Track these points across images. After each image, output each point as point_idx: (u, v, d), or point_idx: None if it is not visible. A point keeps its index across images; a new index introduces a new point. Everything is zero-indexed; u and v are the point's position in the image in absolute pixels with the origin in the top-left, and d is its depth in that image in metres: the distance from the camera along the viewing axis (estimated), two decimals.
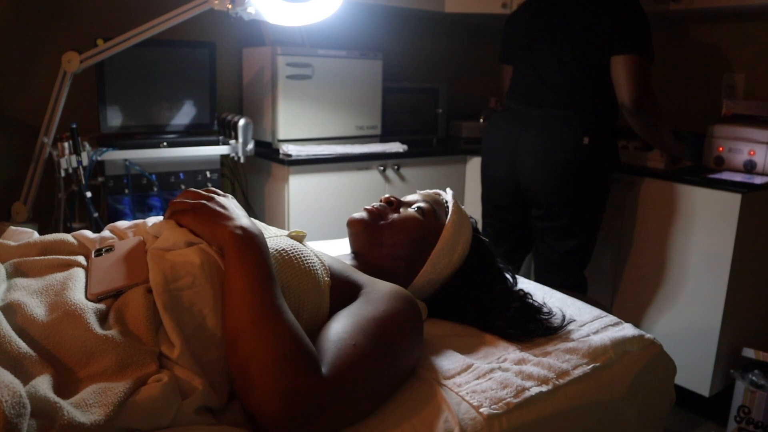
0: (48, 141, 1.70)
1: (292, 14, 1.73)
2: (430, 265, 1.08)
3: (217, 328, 0.74)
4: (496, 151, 2.08)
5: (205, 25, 2.20)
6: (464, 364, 0.92)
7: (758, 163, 2.04)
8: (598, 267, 2.22)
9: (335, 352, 0.75)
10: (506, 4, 2.47)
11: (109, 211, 1.88)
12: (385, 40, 2.69)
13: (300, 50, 2.16)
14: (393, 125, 2.49)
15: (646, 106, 1.84)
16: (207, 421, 0.70)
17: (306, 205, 2.11)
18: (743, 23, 2.39)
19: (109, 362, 0.67)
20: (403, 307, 0.87)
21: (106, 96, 1.85)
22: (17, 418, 0.54)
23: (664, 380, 1.10)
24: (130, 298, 0.73)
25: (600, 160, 1.95)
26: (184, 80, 1.98)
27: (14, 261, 0.80)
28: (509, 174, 2.02)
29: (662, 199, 2.06)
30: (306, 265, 0.86)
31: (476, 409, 0.82)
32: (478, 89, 3.02)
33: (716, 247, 1.93)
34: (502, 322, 1.05)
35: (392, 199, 1.12)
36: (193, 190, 0.87)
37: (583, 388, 0.94)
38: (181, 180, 1.99)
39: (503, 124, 2.07)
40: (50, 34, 1.96)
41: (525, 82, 2.03)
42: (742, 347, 1.97)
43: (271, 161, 2.14)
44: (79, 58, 1.66)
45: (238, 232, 0.78)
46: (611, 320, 1.14)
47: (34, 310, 0.70)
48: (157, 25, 1.69)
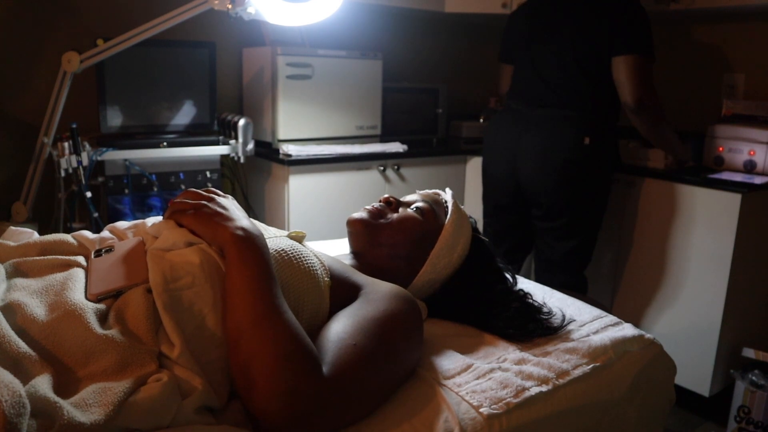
0: (48, 141, 1.71)
1: (292, 14, 1.73)
2: (429, 265, 1.08)
3: (216, 328, 0.74)
4: (496, 151, 2.08)
5: (205, 25, 2.20)
6: (464, 364, 0.93)
7: (758, 163, 2.04)
8: (598, 267, 2.22)
9: (336, 351, 0.75)
10: (506, 4, 2.47)
11: (109, 211, 1.88)
12: (385, 40, 2.69)
13: (300, 50, 2.16)
14: (393, 125, 2.49)
15: (648, 105, 1.84)
16: (207, 420, 0.70)
17: (306, 205, 2.11)
18: (743, 23, 2.39)
19: (109, 362, 0.67)
20: (403, 307, 0.87)
21: (106, 96, 1.85)
22: (17, 417, 0.54)
23: (664, 380, 1.10)
24: (130, 299, 0.73)
25: (601, 161, 1.95)
26: (184, 80, 1.98)
27: (14, 261, 0.80)
28: (510, 174, 2.02)
29: (662, 199, 2.06)
30: (306, 266, 0.86)
31: (476, 409, 0.82)
32: (478, 89, 3.02)
33: (716, 247, 1.93)
34: (502, 322, 1.05)
35: (391, 199, 1.12)
36: (194, 191, 0.87)
37: (583, 388, 0.94)
38: (181, 180, 1.99)
39: (504, 123, 2.07)
40: (50, 34, 1.96)
41: (526, 81, 2.03)
42: (742, 347, 1.97)
43: (271, 161, 2.14)
44: (79, 58, 1.66)
45: (238, 233, 0.78)
46: (611, 320, 1.14)
47: (34, 310, 0.70)
48: (157, 25, 1.69)
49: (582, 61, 1.89)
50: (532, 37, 2.01)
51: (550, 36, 1.95)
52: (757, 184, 1.89)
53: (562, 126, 1.91)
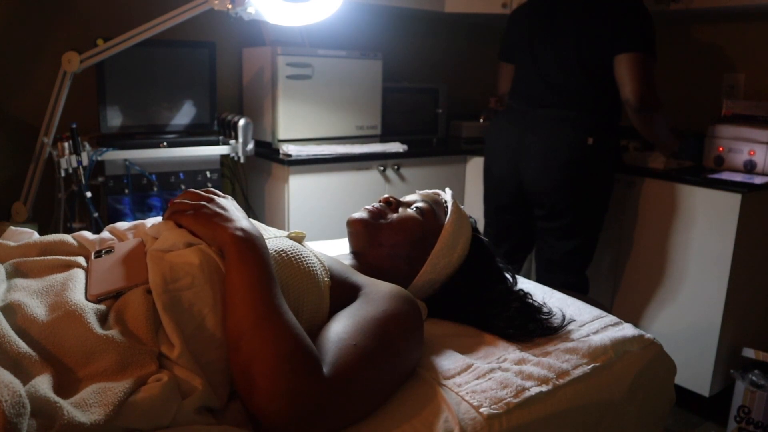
0: (48, 141, 1.70)
1: (292, 14, 1.73)
2: (429, 265, 1.08)
3: (216, 328, 0.74)
4: (498, 151, 2.08)
5: (205, 25, 2.20)
6: (464, 364, 0.93)
7: (758, 163, 2.04)
8: (598, 267, 2.22)
9: (336, 352, 0.75)
10: (506, 4, 2.47)
11: (109, 211, 1.88)
12: (385, 40, 2.69)
13: (300, 50, 2.16)
14: (393, 125, 2.49)
15: (649, 103, 1.84)
16: (207, 421, 0.70)
17: (306, 205, 2.11)
18: (743, 23, 2.39)
19: (109, 362, 0.67)
20: (403, 307, 0.87)
21: (106, 96, 1.85)
22: (17, 417, 0.55)
23: (664, 380, 1.10)
24: (130, 299, 0.74)
25: (603, 161, 1.95)
26: (184, 80, 1.98)
27: (14, 261, 0.80)
28: (512, 174, 2.02)
29: (662, 199, 2.06)
30: (305, 266, 0.86)
31: (476, 409, 0.82)
32: (478, 89, 3.02)
33: (716, 247, 1.93)
34: (502, 322, 1.05)
35: (391, 199, 1.12)
36: (194, 191, 0.87)
37: (583, 388, 0.94)
38: (181, 180, 1.99)
39: (506, 124, 2.07)
40: (50, 34, 1.96)
41: (527, 81, 2.03)
42: (742, 347, 1.97)
43: (271, 161, 2.14)
44: (79, 58, 1.66)
45: (238, 234, 0.78)
46: (611, 320, 1.14)
47: (34, 310, 0.70)
48: (157, 25, 1.69)
49: (584, 61, 1.89)
50: (534, 37, 2.01)
51: (552, 36, 1.95)
52: (757, 184, 1.89)
53: (565, 126, 1.91)
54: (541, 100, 1.97)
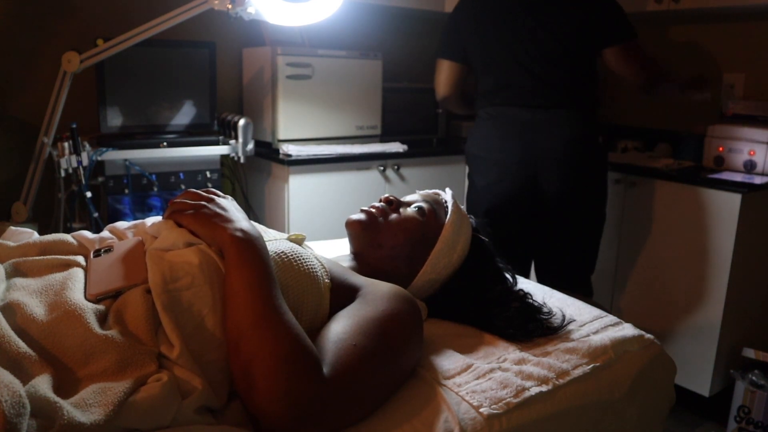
0: (48, 141, 1.70)
1: (292, 14, 1.73)
2: (429, 265, 1.07)
3: (216, 328, 0.74)
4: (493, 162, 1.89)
5: (205, 25, 2.20)
6: (464, 364, 0.92)
7: (758, 163, 2.04)
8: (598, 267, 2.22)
9: (336, 352, 0.75)
10: None
11: (109, 211, 1.88)
12: (385, 40, 2.69)
13: (300, 50, 2.16)
14: (393, 125, 2.49)
15: (656, 77, 1.88)
16: (207, 421, 0.70)
17: (306, 205, 2.11)
18: (743, 23, 2.39)
19: (108, 362, 0.67)
20: (403, 307, 0.87)
21: (106, 96, 1.85)
22: (17, 417, 0.54)
23: (664, 380, 1.10)
24: (130, 299, 0.73)
25: (606, 159, 1.95)
26: (184, 80, 1.98)
27: (14, 261, 0.80)
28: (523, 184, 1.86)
29: (662, 199, 2.06)
30: (305, 268, 0.86)
31: (476, 409, 0.82)
32: None
33: (716, 247, 1.93)
34: (502, 322, 1.05)
35: (392, 199, 1.12)
36: (194, 191, 0.87)
37: (583, 388, 0.94)
38: (181, 180, 1.99)
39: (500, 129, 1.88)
40: (50, 34, 1.96)
41: (516, 83, 1.86)
42: (742, 347, 1.97)
43: (271, 161, 2.14)
44: (79, 58, 1.66)
45: (238, 235, 0.78)
46: (611, 320, 1.14)
47: (34, 309, 0.70)
48: (157, 25, 1.69)
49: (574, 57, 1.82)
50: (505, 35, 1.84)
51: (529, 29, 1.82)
52: (757, 184, 1.89)
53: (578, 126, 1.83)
54: (533, 99, 1.84)
